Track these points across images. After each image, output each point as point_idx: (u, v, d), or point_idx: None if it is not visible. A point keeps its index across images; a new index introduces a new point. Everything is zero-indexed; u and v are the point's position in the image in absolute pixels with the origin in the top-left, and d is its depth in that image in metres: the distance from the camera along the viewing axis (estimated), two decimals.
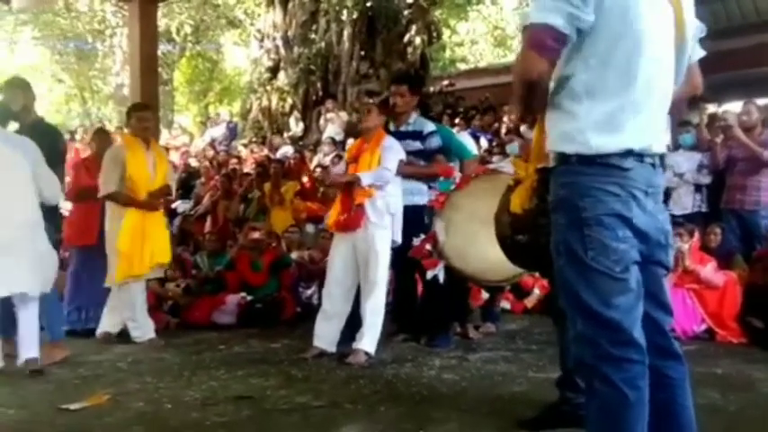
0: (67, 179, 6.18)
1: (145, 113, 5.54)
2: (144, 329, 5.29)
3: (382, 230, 4.43)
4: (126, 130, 6.51)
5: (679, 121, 6.65)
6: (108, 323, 5.35)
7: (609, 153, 1.90)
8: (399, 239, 4.55)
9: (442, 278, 4.59)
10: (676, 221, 5.74)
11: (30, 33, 17.79)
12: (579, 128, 1.92)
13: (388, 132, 4.79)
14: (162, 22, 12.51)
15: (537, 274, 5.24)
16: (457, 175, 5.05)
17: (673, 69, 2.02)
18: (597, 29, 1.88)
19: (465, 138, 6.08)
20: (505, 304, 5.67)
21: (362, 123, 4.68)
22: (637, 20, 1.88)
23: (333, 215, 4.67)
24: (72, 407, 3.45)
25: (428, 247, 4.51)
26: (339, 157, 9.05)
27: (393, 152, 4.52)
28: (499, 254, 2.46)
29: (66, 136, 13.63)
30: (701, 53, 2.14)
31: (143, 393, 3.75)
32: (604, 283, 1.89)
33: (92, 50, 17.36)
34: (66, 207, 6.13)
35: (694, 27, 2.06)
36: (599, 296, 1.89)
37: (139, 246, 5.18)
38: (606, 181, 1.89)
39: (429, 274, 4.61)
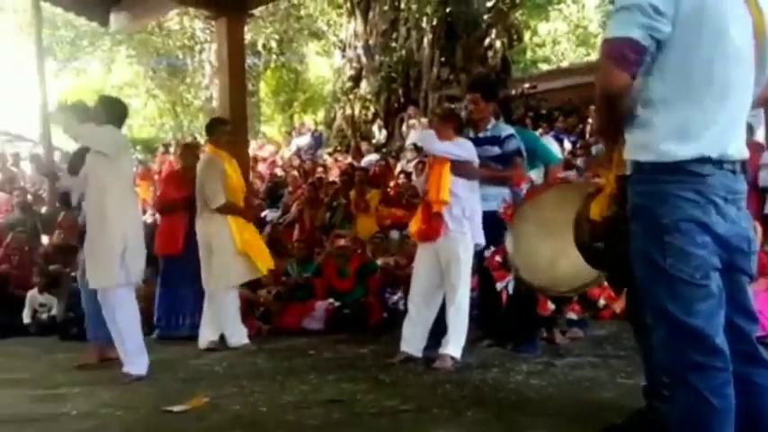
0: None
1: (227, 127, 5.88)
2: (238, 336, 5.50)
3: (462, 236, 4.47)
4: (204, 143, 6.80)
5: None
6: (209, 332, 5.58)
7: (686, 160, 1.90)
8: (482, 241, 4.58)
9: (511, 289, 4.58)
10: None
11: (125, 52, 18.70)
12: (655, 136, 1.93)
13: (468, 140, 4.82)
14: (248, 36, 12.92)
15: (604, 285, 5.15)
16: (525, 186, 5.00)
17: (752, 77, 2.00)
18: (673, 38, 1.89)
19: (550, 142, 6.03)
20: (572, 315, 5.57)
21: (438, 134, 4.70)
22: (714, 28, 1.88)
23: (414, 224, 4.73)
24: (174, 409, 3.64)
25: (498, 258, 4.52)
26: (422, 163, 9.10)
27: (468, 155, 4.59)
28: (567, 265, 2.49)
29: (161, 149, 14.33)
30: None
31: (239, 397, 3.92)
32: (685, 290, 1.88)
33: (182, 66, 18.12)
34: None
35: None
36: (680, 303, 1.88)
37: (251, 248, 5.49)
38: (683, 188, 1.90)
39: (498, 286, 4.62)
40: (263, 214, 9.38)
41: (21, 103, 15.15)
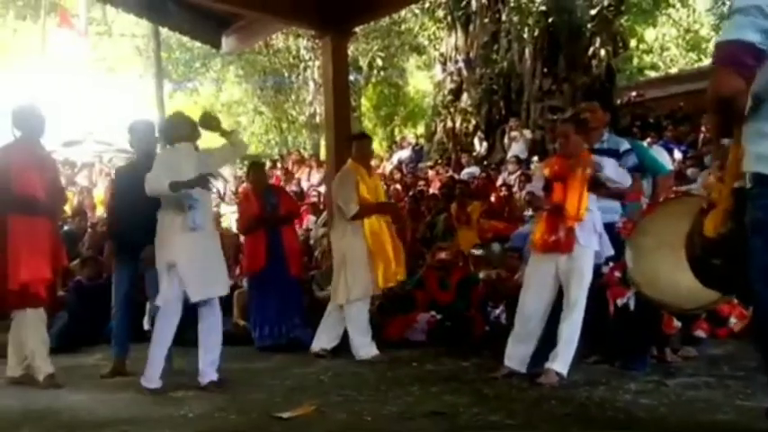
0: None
1: (364, 141, 6.09)
2: (367, 348, 5.60)
3: (588, 251, 4.39)
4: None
5: None
6: (325, 340, 5.75)
7: None
8: (611, 251, 4.50)
9: (632, 305, 4.45)
10: None
11: (234, 72, 19.50)
12: None
13: None
14: (351, 53, 13.22)
15: (735, 301, 4.91)
16: (644, 200, 4.88)
17: None
18: None
19: (659, 152, 5.85)
20: (700, 333, 5.33)
21: (563, 150, 4.58)
22: None
23: (538, 235, 4.60)
24: (284, 415, 3.77)
25: (617, 274, 4.40)
26: (525, 175, 9.03)
27: (612, 165, 4.50)
28: (690, 280, 2.39)
29: (269, 164, 14.84)
30: None
31: (345, 405, 4.01)
32: None
33: (288, 84, 18.71)
34: None
35: None
36: None
37: (391, 255, 5.66)
38: None
39: (619, 302, 4.50)
40: None
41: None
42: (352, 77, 16.98)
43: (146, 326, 7.50)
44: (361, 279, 5.62)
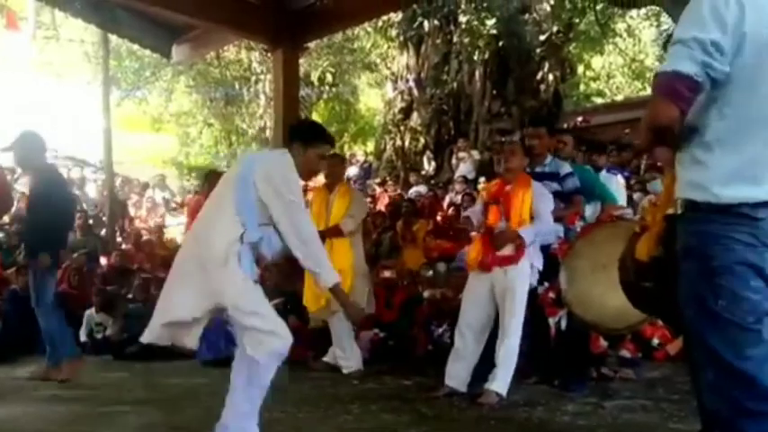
0: None
1: (332, 161, 5.98)
2: (349, 360, 5.62)
3: (523, 271, 4.45)
4: None
5: None
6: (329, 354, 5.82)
7: (742, 203, 1.88)
8: (535, 282, 4.56)
9: (564, 325, 4.53)
10: None
11: (184, 82, 19.25)
12: (710, 177, 1.91)
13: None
14: (302, 68, 13.22)
15: (659, 323, 5.04)
16: (579, 223, 4.98)
17: None
18: (733, 78, 1.88)
19: (608, 179, 5.92)
20: (626, 353, 5.46)
21: (506, 164, 4.69)
22: None
23: (473, 254, 4.68)
24: None
25: (551, 295, 4.48)
26: (469, 195, 9.12)
27: (547, 202, 4.56)
28: (618, 301, 2.45)
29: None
30: None
31: (285, 422, 3.99)
32: (736, 334, 1.86)
33: (238, 96, 18.56)
34: None
35: None
36: (731, 347, 1.86)
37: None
38: (738, 230, 1.88)
39: (551, 321, 4.58)
40: None
41: (85, 129, 15.74)
42: (303, 92, 16.96)
43: (82, 337, 7.34)
44: (305, 298, 5.70)
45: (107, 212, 10.43)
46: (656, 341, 6.00)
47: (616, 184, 6.03)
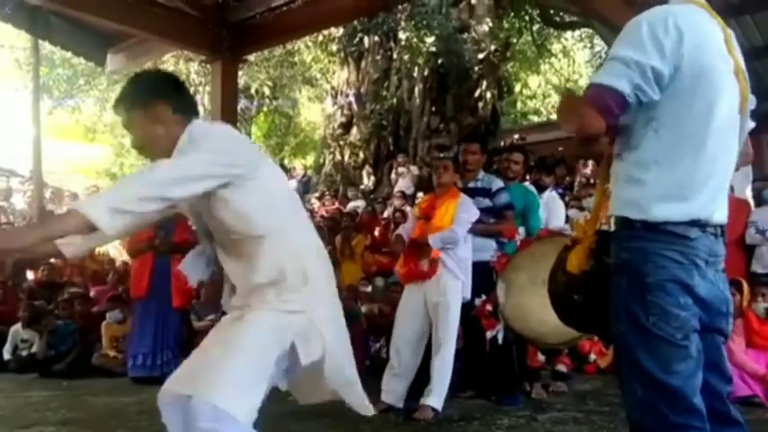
0: None
1: None
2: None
3: (455, 281, 4.49)
4: None
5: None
6: None
7: (674, 222, 1.94)
8: (468, 296, 4.60)
9: (501, 339, 4.59)
10: (761, 281, 5.57)
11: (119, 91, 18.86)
12: (645, 195, 1.96)
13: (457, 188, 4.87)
14: (242, 80, 13.10)
15: (595, 339, 5.16)
16: (519, 237, 5.07)
17: (737, 142, 2.07)
18: (669, 100, 1.93)
19: (553, 200, 5.99)
20: (562, 367, 5.57)
21: (438, 179, 4.74)
22: (708, 94, 1.93)
23: (402, 266, 4.72)
24: None
25: (489, 307, 4.53)
26: (401, 212, 9.19)
27: (467, 213, 4.60)
28: (556, 316, 2.48)
29: None
30: (753, 124, 2.17)
31: None
32: (665, 349, 1.90)
33: None
34: None
35: (751, 101, 2.11)
36: (659, 362, 1.90)
37: None
38: (669, 248, 1.93)
39: (488, 334, 4.63)
40: None
41: (13, 138, 15.23)
42: (242, 105, 16.81)
43: (6, 355, 7.06)
44: None
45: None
46: (592, 356, 6.13)
47: (558, 203, 6.14)
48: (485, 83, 13.97)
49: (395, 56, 14.48)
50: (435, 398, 4.38)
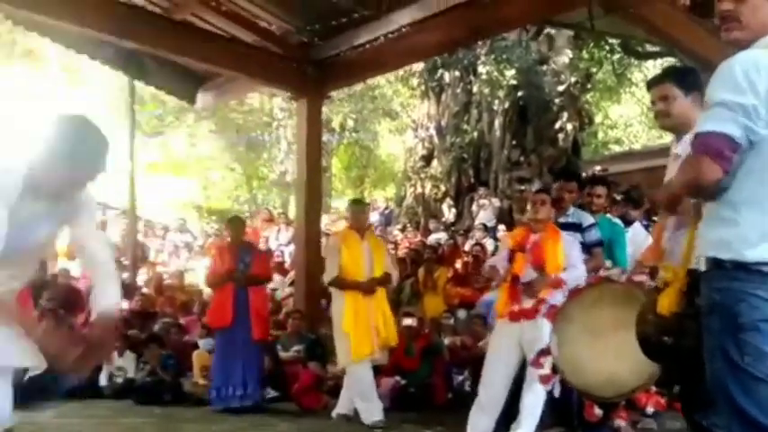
0: None
1: (358, 207, 6.13)
2: (372, 411, 5.48)
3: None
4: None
5: None
6: (343, 404, 5.72)
7: (766, 262, 1.92)
8: None
9: (557, 392, 4.46)
10: None
11: (207, 126, 19.63)
12: (737, 236, 1.95)
13: None
14: (324, 115, 13.45)
15: (652, 390, 4.96)
16: (566, 287, 4.93)
17: None
18: (762, 141, 1.94)
19: (643, 235, 5.85)
20: (620, 422, 5.35)
21: (535, 214, 4.70)
22: None
23: (501, 304, 4.66)
24: None
25: (543, 360, 4.41)
26: (481, 245, 9.16)
27: (577, 249, 4.59)
28: (611, 367, 2.46)
29: None
30: None
31: None
32: (763, 389, 1.88)
33: (260, 141, 18.86)
34: None
35: None
36: (757, 403, 1.87)
37: (363, 327, 5.48)
38: (762, 288, 1.91)
39: (544, 389, 4.49)
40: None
41: (107, 172, 16.00)
42: (324, 138, 17.21)
43: (102, 381, 7.37)
44: (341, 346, 5.59)
45: (129, 256, 10.55)
46: (650, 409, 5.87)
47: (645, 238, 5.96)
48: (565, 114, 13.88)
49: (475, 89, 14.58)
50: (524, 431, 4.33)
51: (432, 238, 11.50)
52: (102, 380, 7.38)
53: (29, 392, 6.18)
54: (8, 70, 27.40)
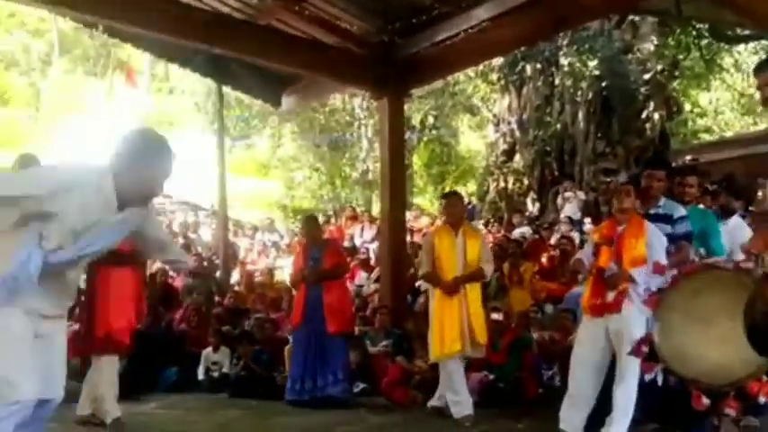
0: None
1: (451, 200, 6.15)
2: (462, 405, 5.51)
3: (639, 313, 4.36)
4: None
5: None
6: (438, 397, 5.81)
7: None
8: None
9: (660, 381, 4.35)
10: None
11: (290, 128, 20.07)
12: None
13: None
14: (404, 113, 13.53)
15: (764, 379, 4.76)
16: (669, 272, 4.80)
17: None
18: None
19: (743, 227, 5.63)
20: (730, 411, 5.14)
21: (620, 205, 4.64)
22: None
23: (586, 298, 4.62)
24: None
25: (645, 348, 4.30)
26: (568, 238, 9.00)
27: (661, 245, 4.46)
28: (719, 355, 2.42)
29: (322, 219, 15.19)
30: None
31: None
32: None
33: (342, 141, 19.14)
34: None
35: None
36: None
37: (449, 324, 5.53)
38: None
39: (646, 377, 4.38)
40: (417, 283, 9.57)
41: (197, 175, 16.62)
42: (405, 136, 17.32)
43: (200, 375, 7.68)
44: (431, 341, 5.68)
45: (221, 255, 10.93)
46: (762, 399, 5.64)
47: (745, 231, 5.74)
48: (652, 103, 13.51)
49: (557, 81, 14.38)
50: (618, 427, 4.27)
51: (516, 233, 11.41)
52: (200, 374, 7.69)
53: (135, 386, 6.58)
54: (104, 81, 28.82)
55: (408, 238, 10.22)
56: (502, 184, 14.99)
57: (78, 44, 39.24)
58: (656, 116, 13.46)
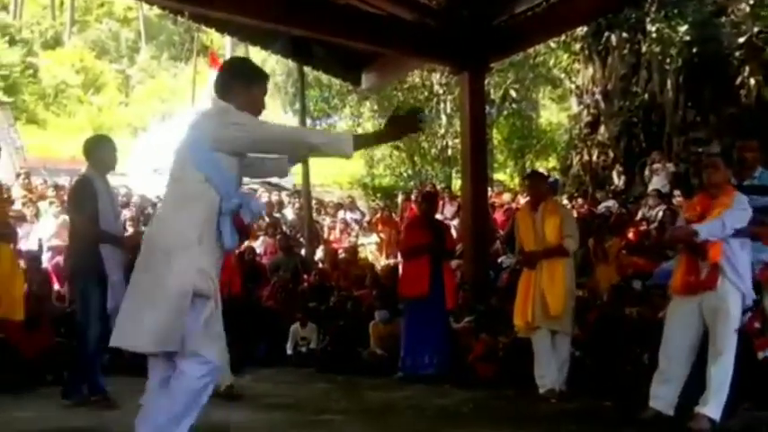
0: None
1: (532, 180, 6.23)
2: (546, 380, 5.51)
3: (735, 290, 4.20)
4: None
5: None
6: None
7: None
8: (750, 301, 4.28)
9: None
10: None
11: (368, 107, 20.11)
12: None
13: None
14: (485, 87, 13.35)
15: None
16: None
17: None
18: None
19: None
20: None
21: (708, 179, 4.48)
22: None
23: (678, 275, 4.47)
24: None
25: (757, 324, 4.12)
26: (670, 210, 8.71)
27: (739, 212, 4.26)
28: None
29: (401, 196, 15.21)
30: None
31: None
32: None
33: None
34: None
35: None
36: None
37: (524, 298, 5.64)
38: None
39: (760, 355, 4.21)
40: (499, 260, 9.51)
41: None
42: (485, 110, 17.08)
43: (288, 351, 7.89)
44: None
45: (305, 233, 11.13)
46: None
47: None
48: (747, 69, 12.82)
49: (644, 49, 13.84)
50: (713, 407, 4.12)
51: (601, 207, 11.14)
52: (288, 349, 7.90)
53: (232, 360, 6.83)
54: (187, 66, 29.64)
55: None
56: (586, 158, 14.63)
57: (163, 30, 40.59)
58: (752, 82, 12.77)
